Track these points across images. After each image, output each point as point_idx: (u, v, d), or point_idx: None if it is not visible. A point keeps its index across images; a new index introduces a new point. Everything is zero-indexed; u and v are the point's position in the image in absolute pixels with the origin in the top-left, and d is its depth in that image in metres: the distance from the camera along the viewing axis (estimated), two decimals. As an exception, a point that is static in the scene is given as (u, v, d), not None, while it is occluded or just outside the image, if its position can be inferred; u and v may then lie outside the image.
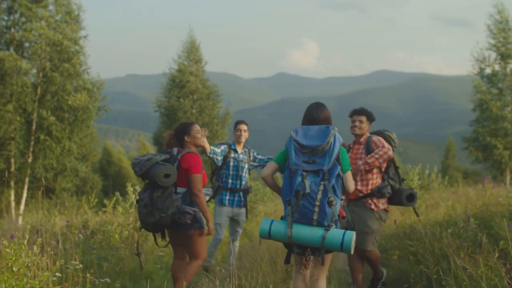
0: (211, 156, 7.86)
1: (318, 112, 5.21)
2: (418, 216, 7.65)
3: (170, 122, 39.03)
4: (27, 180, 26.91)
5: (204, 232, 5.99)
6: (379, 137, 6.80)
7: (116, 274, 7.35)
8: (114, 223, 10.28)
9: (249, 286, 5.59)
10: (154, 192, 5.73)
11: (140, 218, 5.84)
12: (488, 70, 34.41)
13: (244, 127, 8.32)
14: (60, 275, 5.57)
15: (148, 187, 5.84)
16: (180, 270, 6.07)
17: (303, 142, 4.92)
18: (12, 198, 26.66)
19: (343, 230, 4.74)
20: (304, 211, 4.72)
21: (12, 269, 4.78)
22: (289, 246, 5.03)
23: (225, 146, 8.23)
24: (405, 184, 7.64)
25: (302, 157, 4.89)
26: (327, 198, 4.68)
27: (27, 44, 27.28)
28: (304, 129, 5.06)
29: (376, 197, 6.75)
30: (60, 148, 26.87)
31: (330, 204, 4.68)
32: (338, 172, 4.84)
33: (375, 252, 6.93)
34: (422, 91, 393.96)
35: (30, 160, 26.66)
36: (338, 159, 4.92)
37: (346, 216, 5.17)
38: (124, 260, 7.93)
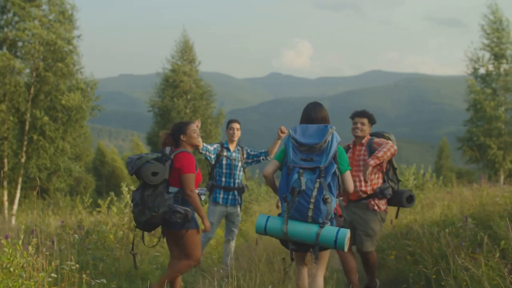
0: (203, 152, 7.87)
1: (316, 111, 5.28)
2: (396, 218, 7.76)
3: (164, 122, 39.01)
4: (20, 180, 26.82)
5: (198, 232, 5.97)
6: (380, 138, 6.85)
7: (112, 275, 7.30)
8: (108, 223, 10.24)
9: (247, 286, 5.55)
10: (145, 191, 5.75)
11: (134, 217, 5.88)
12: (482, 70, 34.61)
13: (236, 125, 8.36)
14: (55, 276, 5.52)
15: (141, 186, 5.86)
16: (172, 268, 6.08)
17: (301, 140, 4.98)
18: (5, 198, 26.55)
19: (337, 228, 4.79)
20: (300, 208, 4.79)
21: (10, 269, 4.72)
22: (285, 242, 5.10)
23: (218, 144, 8.28)
24: (400, 184, 7.65)
25: (300, 155, 4.96)
26: (322, 196, 4.75)
27: (20, 44, 27.21)
28: (302, 127, 5.12)
29: (378, 198, 6.77)
30: (53, 148, 26.78)
31: (325, 201, 4.75)
32: (334, 170, 4.89)
33: (374, 253, 6.98)
34: (415, 91, 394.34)
35: (23, 160, 26.57)
36: (335, 158, 4.97)
37: (343, 214, 5.21)
38: (120, 261, 7.88)
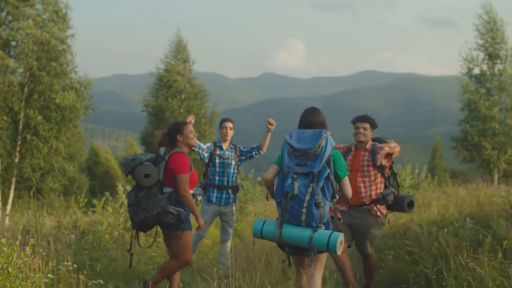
0: (196, 150, 7.88)
1: (314, 116, 5.36)
2: (389, 223, 7.89)
3: (158, 122, 39.01)
4: (13, 180, 26.71)
5: (191, 233, 5.97)
6: (381, 143, 6.90)
7: (109, 275, 7.26)
8: (104, 223, 10.20)
9: (246, 287, 5.51)
10: (139, 192, 5.77)
11: (129, 217, 5.90)
12: (476, 70, 34.70)
13: (229, 124, 8.36)
14: (52, 276, 5.48)
15: (135, 187, 5.87)
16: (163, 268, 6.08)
17: (295, 145, 5.06)
18: (-1, 198, 26.46)
19: (329, 231, 4.86)
20: (293, 212, 4.88)
21: (8, 270, 4.66)
22: (281, 246, 5.19)
23: (211, 143, 8.30)
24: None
25: (294, 160, 5.05)
26: (314, 200, 4.83)
27: (14, 43, 27.11)
28: (298, 132, 5.21)
29: (380, 203, 6.80)
30: (47, 148, 26.71)
31: (317, 205, 4.83)
32: (327, 175, 4.97)
33: (374, 255, 7.10)
34: (408, 92, 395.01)
35: (17, 160, 26.46)
36: (328, 162, 5.03)
37: (340, 216, 5.30)
38: (117, 261, 7.85)
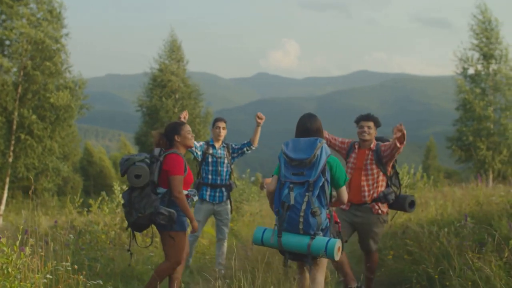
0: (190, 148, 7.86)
1: (311, 122, 5.46)
2: (391, 220, 8.05)
3: (152, 122, 39.02)
4: (7, 180, 26.60)
5: (184, 235, 5.93)
6: (384, 143, 6.92)
7: (107, 276, 7.21)
8: (100, 223, 10.16)
9: (248, 287, 5.47)
10: (133, 192, 5.78)
11: (125, 217, 5.92)
12: (471, 70, 34.72)
13: (222, 124, 8.40)
14: (50, 277, 5.42)
15: (129, 187, 5.87)
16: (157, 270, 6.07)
17: (291, 155, 5.17)
18: (-7, 198, 26.35)
19: (327, 238, 5.00)
20: (291, 221, 5.04)
21: (7, 270, 4.61)
22: (282, 252, 5.31)
23: (204, 142, 8.35)
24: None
25: (291, 169, 5.17)
26: (310, 209, 4.96)
27: (7, 42, 26.97)
28: (294, 142, 5.30)
29: (381, 202, 6.83)
30: (41, 148, 26.60)
31: (313, 214, 4.96)
32: (322, 183, 5.07)
33: (376, 253, 7.15)
34: (401, 92, 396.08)
35: (10, 160, 26.34)
36: (323, 171, 5.12)
37: (338, 220, 5.49)
38: (114, 261, 7.81)
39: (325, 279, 5.63)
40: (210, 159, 8.20)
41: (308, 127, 5.40)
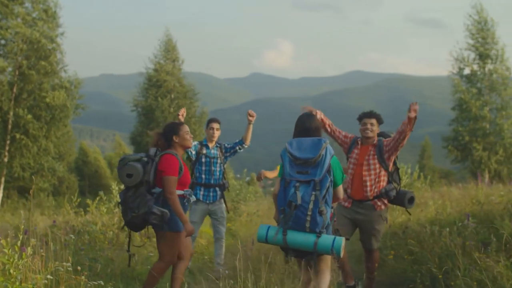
0: None
1: (310, 122, 5.55)
2: (410, 214, 8.12)
3: (148, 122, 39.05)
4: (3, 180, 26.51)
5: (178, 235, 5.86)
6: (386, 138, 6.96)
7: (107, 276, 7.15)
8: (98, 223, 10.11)
9: (252, 287, 5.44)
10: (128, 191, 5.77)
11: (122, 216, 5.93)
12: (467, 70, 34.79)
13: (216, 125, 8.37)
14: (51, 277, 5.37)
15: (126, 186, 5.85)
16: (175, 269, 6.09)
17: (296, 154, 5.22)
18: (-12, 198, 26.25)
19: (333, 237, 5.07)
20: (297, 220, 5.07)
21: (9, 271, 4.56)
22: (285, 249, 5.36)
23: (197, 142, 8.34)
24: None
25: (296, 168, 5.22)
26: (318, 208, 5.02)
27: (3, 42, 26.91)
28: (298, 141, 5.35)
29: (383, 198, 6.83)
30: (36, 147, 26.53)
31: (320, 213, 5.03)
32: (328, 183, 5.14)
33: (378, 251, 7.15)
34: (395, 92, 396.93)
35: (6, 160, 26.26)
36: (329, 171, 5.18)
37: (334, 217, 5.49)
38: (114, 262, 7.76)
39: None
40: (203, 159, 8.21)
41: (307, 126, 5.48)
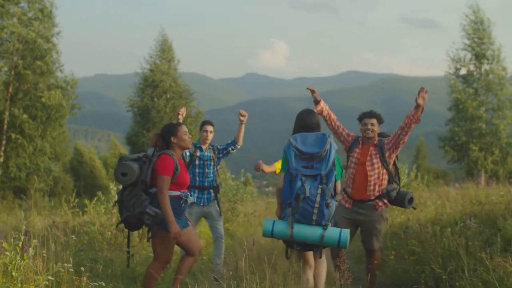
0: None
1: (311, 117, 5.76)
2: (415, 208, 7.99)
3: (143, 122, 39.04)
4: (-1, 180, 26.47)
5: (170, 236, 5.77)
6: (387, 138, 6.98)
7: (108, 277, 7.11)
8: (96, 224, 10.07)
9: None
10: (124, 190, 5.80)
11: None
12: (463, 71, 34.86)
13: (210, 128, 8.33)
14: (52, 279, 5.32)
15: (123, 186, 5.87)
16: (181, 264, 6.09)
17: (302, 148, 5.35)
18: (-16, 198, 26.18)
19: (339, 229, 5.23)
20: (304, 213, 5.18)
21: (11, 273, 4.52)
22: (289, 243, 5.51)
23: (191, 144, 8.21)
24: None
25: (301, 162, 5.33)
26: (325, 201, 5.16)
27: (-2, 41, 26.86)
28: (302, 136, 5.48)
29: (384, 198, 6.83)
30: (32, 147, 26.47)
31: (327, 206, 5.17)
32: (334, 177, 5.30)
33: (379, 251, 7.15)
34: (390, 92, 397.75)
35: (1, 160, 26.19)
36: (333, 165, 5.34)
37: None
38: (114, 262, 7.72)
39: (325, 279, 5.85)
40: (197, 162, 8.18)
41: (308, 122, 5.67)
